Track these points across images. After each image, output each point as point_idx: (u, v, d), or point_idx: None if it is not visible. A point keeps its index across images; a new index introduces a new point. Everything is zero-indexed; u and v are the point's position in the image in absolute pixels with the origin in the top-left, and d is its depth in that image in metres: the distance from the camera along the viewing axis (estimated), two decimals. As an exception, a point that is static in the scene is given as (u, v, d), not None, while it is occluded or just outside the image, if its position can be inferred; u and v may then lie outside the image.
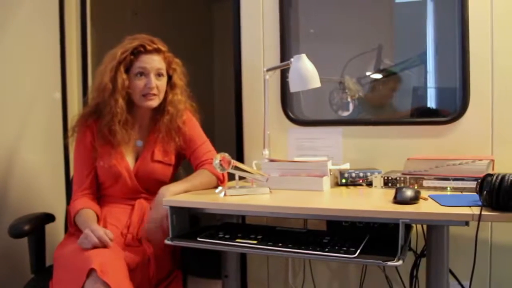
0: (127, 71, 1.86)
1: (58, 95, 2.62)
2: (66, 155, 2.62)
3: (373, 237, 1.53)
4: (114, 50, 1.88)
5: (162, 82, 1.91)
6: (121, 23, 3.15)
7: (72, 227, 1.84)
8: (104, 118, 1.86)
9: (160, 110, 1.94)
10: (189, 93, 2.02)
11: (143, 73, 1.86)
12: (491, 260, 1.97)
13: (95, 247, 1.60)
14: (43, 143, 2.53)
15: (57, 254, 1.76)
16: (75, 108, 2.66)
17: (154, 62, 1.87)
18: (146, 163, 1.92)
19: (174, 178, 1.99)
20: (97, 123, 1.91)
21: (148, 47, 1.87)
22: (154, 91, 1.87)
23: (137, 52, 1.86)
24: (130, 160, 1.93)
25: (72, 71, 2.69)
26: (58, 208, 2.27)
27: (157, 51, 1.89)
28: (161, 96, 1.92)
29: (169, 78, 1.95)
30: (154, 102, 1.89)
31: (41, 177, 2.51)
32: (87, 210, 1.83)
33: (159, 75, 1.89)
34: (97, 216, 1.85)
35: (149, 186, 1.92)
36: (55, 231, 2.23)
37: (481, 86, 1.94)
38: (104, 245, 1.61)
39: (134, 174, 1.91)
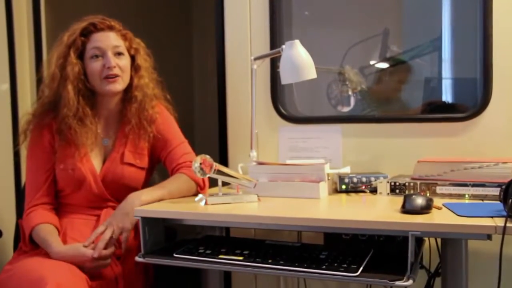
0: (81, 57, 1.87)
1: (5, 86, 2.59)
2: (17, 159, 2.60)
3: (378, 252, 1.53)
4: (60, 35, 1.89)
5: (124, 62, 1.90)
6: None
7: (27, 246, 1.84)
8: (60, 113, 1.86)
9: (127, 98, 1.94)
10: (156, 78, 2.02)
11: (99, 54, 1.86)
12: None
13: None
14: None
15: (3, 276, 1.74)
16: (27, 102, 2.63)
17: (109, 39, 1.88)
18: (115, 166, 1.91)
19: (148, 184, 1.98)
20: (56, 120, 1.89)
21: (100, 25, 1.88)
22: (116, 70, 1.86)
23: (87, 33, 1.87)
24: (96, 162, 1.92)
25: (23, 57, 2.66)
26: (6, 222, 2.25)
27: (111, 28, 1.90)
28: (126, 78, 1.91)
29: (132, 60, 1.95)
30: (118, 85, 1.89)
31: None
32: (46, 226, 1.81)
33: (118, 54, 1.89)
34: (58, 231, 1.84)
35: (117, 193, 1.90)
36: (2, 248, 2.21)
37: (506, 76, 1.95)
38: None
39: (101, 178, 1.90)
